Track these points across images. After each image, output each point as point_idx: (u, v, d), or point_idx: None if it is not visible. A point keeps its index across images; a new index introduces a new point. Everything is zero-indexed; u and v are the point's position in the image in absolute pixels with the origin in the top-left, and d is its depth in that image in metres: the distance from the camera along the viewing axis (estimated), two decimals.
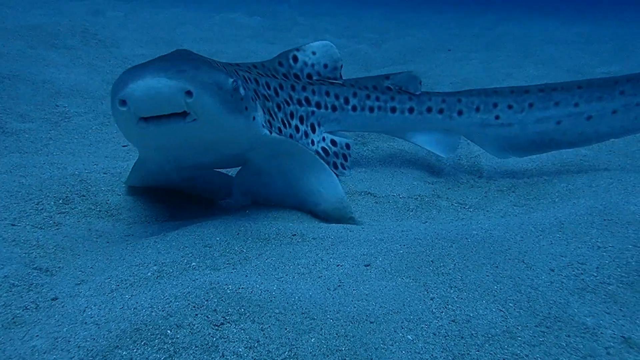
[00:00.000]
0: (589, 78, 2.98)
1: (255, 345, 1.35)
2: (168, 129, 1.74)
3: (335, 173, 2.39)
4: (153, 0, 11.48)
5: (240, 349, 1.33)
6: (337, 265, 1.72)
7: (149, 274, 1.63)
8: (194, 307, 1.41)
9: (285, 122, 2.48)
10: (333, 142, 2.81)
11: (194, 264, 1.72)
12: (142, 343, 1.31)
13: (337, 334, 1.41)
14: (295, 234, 2.01)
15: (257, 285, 1.50)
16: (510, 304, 1.61)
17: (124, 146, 3.09)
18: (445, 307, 1.55)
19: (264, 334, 1.38)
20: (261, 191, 2.30)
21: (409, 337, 1.43)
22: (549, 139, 2.92)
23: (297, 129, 2.58)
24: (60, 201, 2.31)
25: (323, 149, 2.74)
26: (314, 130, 2.70)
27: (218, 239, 1.89)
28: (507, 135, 2.93)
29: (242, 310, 1.42)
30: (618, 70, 6.58)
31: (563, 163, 3.23)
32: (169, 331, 1.35)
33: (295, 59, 2.72)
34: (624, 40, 9.98)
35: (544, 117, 2.88)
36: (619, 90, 2.85)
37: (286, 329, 1.40)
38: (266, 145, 2.08)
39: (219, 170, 2.46)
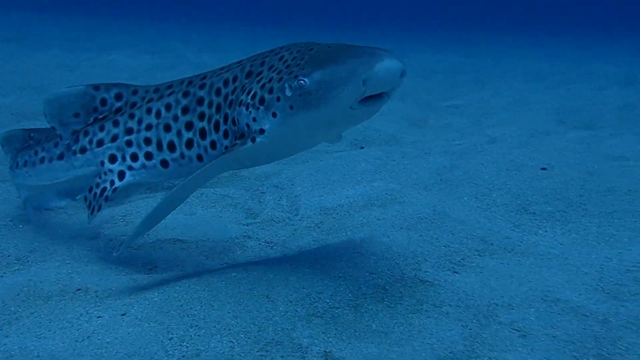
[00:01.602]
0: None
1: None
2: (375, 108, 1.97)
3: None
4: (40, 40, 11.18)
5: None
6: (98, 317, 1.99)
7: None
8: None
9: None
10: None
11: None
12: None
13: None
14: (80, 289, 2.25)
15: None
16: (242, 335, 1.96)
17: None
18: (180, 345, 1.86)
19: None
20: None
21: None
22: None
23: None
24: None
25: None
26: None
27: None
28: None
29: None
30: (457, 104, 7.52)
31: (371, 197, 3.74)
32: None
33: None
34: (486, 70, 11.29)
35: None
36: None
37: None
38: None
39: None
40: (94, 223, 2.91)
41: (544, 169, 4.21)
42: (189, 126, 2.29)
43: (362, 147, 5.08)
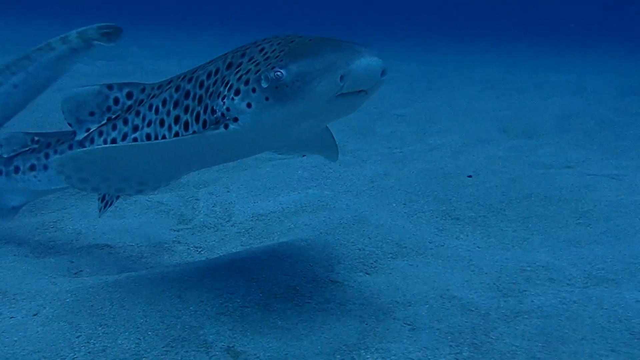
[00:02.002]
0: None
1: None
2: (353, 105, 1.97)
3: None
4: None
5: None
6: (11, 317, 2.08)
7: None
8: None
9: None
10: None
11: None
12: None
13: None
14: None
15: None
16: (150, 333, 2.09)
17: None
18: (87, 342, 1.98)
19: None
20: None
21: None
22: None
23: None
24: None
25: None
26: None
27: None
28: None
29: None
30: (406, 113, 7.80)
31: (303, 204, 3.91)
32: None
33: None
34: (442, 78, 11.65)
35: None
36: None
37: None
38: None
39: None
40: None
41: (470, 176, 4.49)
42: (176, 120, 2.36)
43: (303, 155, 5.26)
